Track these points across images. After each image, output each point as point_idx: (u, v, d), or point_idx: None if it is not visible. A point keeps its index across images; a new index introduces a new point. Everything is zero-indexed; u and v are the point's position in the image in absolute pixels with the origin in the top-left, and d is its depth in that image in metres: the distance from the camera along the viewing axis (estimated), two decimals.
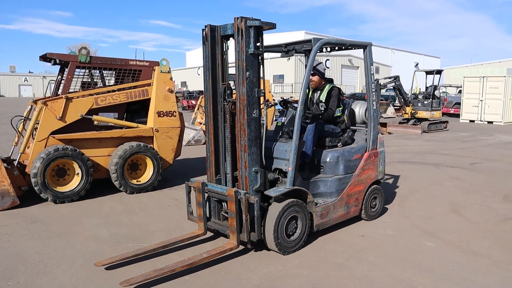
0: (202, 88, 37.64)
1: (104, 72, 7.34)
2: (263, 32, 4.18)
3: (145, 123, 7.16)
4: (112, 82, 7.43)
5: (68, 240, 4.70)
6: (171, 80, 7.29)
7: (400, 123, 17.72)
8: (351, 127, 5.56)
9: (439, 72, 17.94)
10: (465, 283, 3.69)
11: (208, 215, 4.60)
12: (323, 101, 5.23)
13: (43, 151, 6.06)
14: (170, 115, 7.16)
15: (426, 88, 17.95)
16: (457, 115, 23.49)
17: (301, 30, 48.49)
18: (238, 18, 4.03)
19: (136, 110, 7.48)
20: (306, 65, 5.39)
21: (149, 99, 7.14)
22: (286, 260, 4.15)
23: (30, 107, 7.00)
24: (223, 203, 4.54)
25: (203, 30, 4.40)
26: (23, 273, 3.89)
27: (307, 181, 4.72)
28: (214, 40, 4.40)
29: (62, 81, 6.94)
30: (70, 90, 6.71)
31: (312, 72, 5.09)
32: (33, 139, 6.32)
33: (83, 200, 6.28)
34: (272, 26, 4.18)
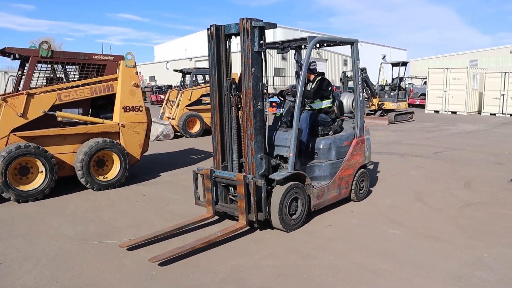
0: (171, 83, 37.25)
1: (68, 67, 7.16)
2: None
3: (111, 118, 7.04)
4: (77, 77, 7.25)
5: (31, 240, 4.58)
6: (137, 74, 7.18)
7: (367, 114, 18.04)
8: (340, 117, 6.05)
9: (404, 64, 18.34)
10: (426, 268, 3.82)
11: (215, 200, 4.98)
12: (314, 90, 5.70)
13: (3, 149, 5.87)
14: (136, 110, 7.06)
15: (392, 79, 18.33)
16: (423, 106, 24.12)
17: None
18: (243, 19, 4.42)
19: (102, 106, 7.35)
20: (296, 60, 6.09)
21: (114, 94, 7.01)
22: (254, 252, 4.19)
23: None
24: (230, 188, 4.95)
25: (208, 29, 4.75)
26: None
27: (304, 166, 5.19)
28: (218, 38, 4.75)
29: (23, 77, 6.72)
30: (33, 86, 6.52)
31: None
32: None
33: (48, 199, 6.13)
34: (273, 26, 4.58)
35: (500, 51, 45.21)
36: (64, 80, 7.19)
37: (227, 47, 4.84)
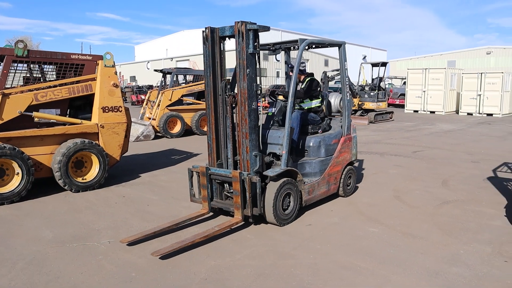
0: (151, 83, 36.94)
1: (45, 66, 7.02)
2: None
3: (89, 119, 6.94)
4: (54, 77, 7.12)
5: (7, 243, 4.49)
6: (116, 74, 7.10)
7: None
8: (328, 116, 6.26)
9: (384, 64, 18.59)
10: (404, 265, 3.89)
11: (210, 196, 5.12)
12: (304, 90, 5.92)
13: None
14: (115, 110, 6.98)
15: (372, 80, 18.55)
16: (402, 106, 24.48)
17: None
18: (238, 22, 4.57)
19: (80, 106, 7.24)
20: (285, 61, 6.36)
21: (93, 95, 6.92)
22: (234, 252, 4.20)
23: None
24: (225, 185, 5.13)
25: (203, 31, 4.90)
26: None
27: (296, 163, 5.39)
28: (213, 40, 4.91)
29: None
30: (8, 86, 6.38)
31: (292, 69, 5.63)
32: None
33: (25, 201, 6.01)
34: (267, 29, 4.78)
35: (476, 52, 46.17)
36: (42, 80, 7.06)
37: (221, 49, 4.99)
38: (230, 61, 4.69)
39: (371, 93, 17.70)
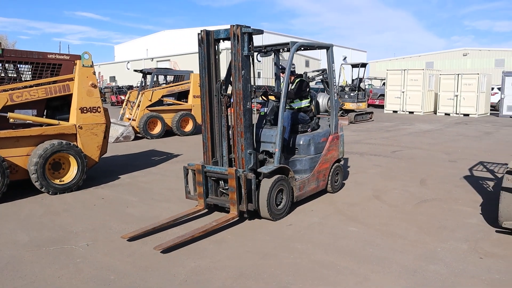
0: (131, 83, 36.49)
1: (20, 66, 6.87)
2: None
3: (67, 120, 6.82)
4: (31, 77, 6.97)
5: None
6: (94, 74, 6.99)
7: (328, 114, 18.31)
8: (317, 115, 6.48)
9: (363, 65, 18.80)
10: (383, 263, 3.93)
11: (206, 193, 5.28)
12: (295, 90, 6.11)
13: None
14: (94, 111, 6.87)
15: (352, 80, 18.74)
16: (382, 106, 24.81)
17: (232, 24, 48.35)
18: (234, 25, 4.75)
19: (58, 107, 7.11)
20: (275, 63, 6.62)
21: (71, 95, 6.80)
22: (214, 253, 4.18)
23: None
24: (220, 182, 5.32)
25: (199, 34, 5.10)
26: None
27: (287, 160, 5.60)
28: (208, 43, 5.11)
29: None
30: None
31: (285, 71, 5.83)
32: None
33: (0, 204, 5.86)
34: (260, 32, 4.97)
35: (454, 53, 47.09)
36: (17, 80, 6.90)
37: (216, 51, 5.19)
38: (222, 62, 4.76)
39: (351, 94, 17.87)
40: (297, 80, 6.18)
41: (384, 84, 25.93)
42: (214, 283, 3.58)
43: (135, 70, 16.16)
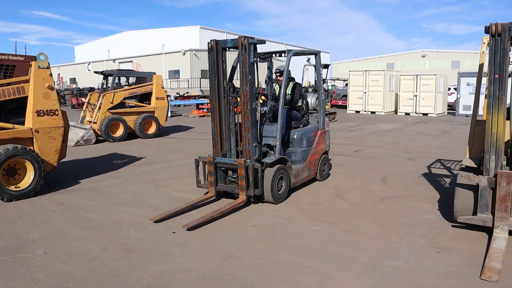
0: (93, 85, 35.61)
1: None
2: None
3: (23, 123, 6.56)
4: None
5: None
6: (51, 76, 6.76)
7: None
8: (307, 113, 7.21)
9: (326, 66, 19.06)
10: (345, 261, 4.00)
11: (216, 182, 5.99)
12: (289, 93, 6.82)
13: None
14: (51, 114, 6.65)
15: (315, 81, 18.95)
16: (345, 107, 25.25)
17: (196, 25, 48.07)
18: (241, 37, 5.50)
19: (12, 110, 6.83)
20: (268, 67, 7.21)
21: (26, 98, 6.55)
22: (177, 256, 4.13)
23: None
24: (228, 171, 6.08)
25: (208, 43, 5.84)
26: None
27: (284, 152, 6.32)
28: (217, 51, 5.78)
29: None
30: None
31: (280, 73, 6.69)
32: None
33: None
34: (263, 42, 5.79)
35: (413, 55, 48.62)
36: None
37: (224, 58, 5.85)
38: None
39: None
40: (291, 84, 6.85)
41: (346, 84, 26.42)
42: (176, 287, 3.53)
43: (96, 72, 15.76)
